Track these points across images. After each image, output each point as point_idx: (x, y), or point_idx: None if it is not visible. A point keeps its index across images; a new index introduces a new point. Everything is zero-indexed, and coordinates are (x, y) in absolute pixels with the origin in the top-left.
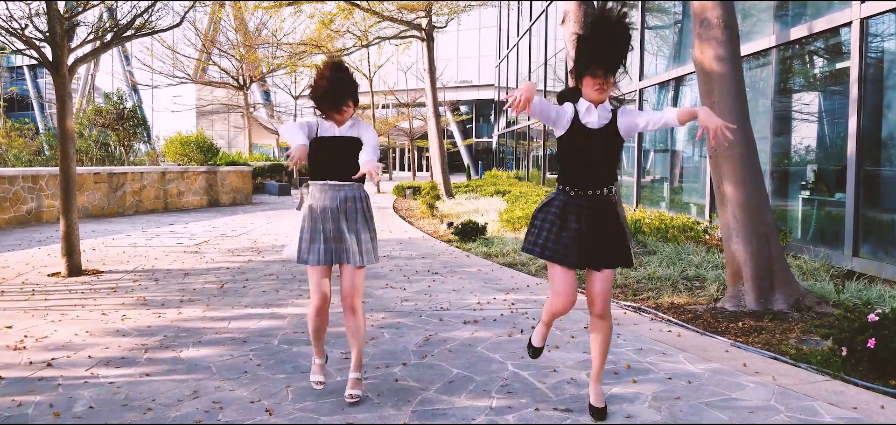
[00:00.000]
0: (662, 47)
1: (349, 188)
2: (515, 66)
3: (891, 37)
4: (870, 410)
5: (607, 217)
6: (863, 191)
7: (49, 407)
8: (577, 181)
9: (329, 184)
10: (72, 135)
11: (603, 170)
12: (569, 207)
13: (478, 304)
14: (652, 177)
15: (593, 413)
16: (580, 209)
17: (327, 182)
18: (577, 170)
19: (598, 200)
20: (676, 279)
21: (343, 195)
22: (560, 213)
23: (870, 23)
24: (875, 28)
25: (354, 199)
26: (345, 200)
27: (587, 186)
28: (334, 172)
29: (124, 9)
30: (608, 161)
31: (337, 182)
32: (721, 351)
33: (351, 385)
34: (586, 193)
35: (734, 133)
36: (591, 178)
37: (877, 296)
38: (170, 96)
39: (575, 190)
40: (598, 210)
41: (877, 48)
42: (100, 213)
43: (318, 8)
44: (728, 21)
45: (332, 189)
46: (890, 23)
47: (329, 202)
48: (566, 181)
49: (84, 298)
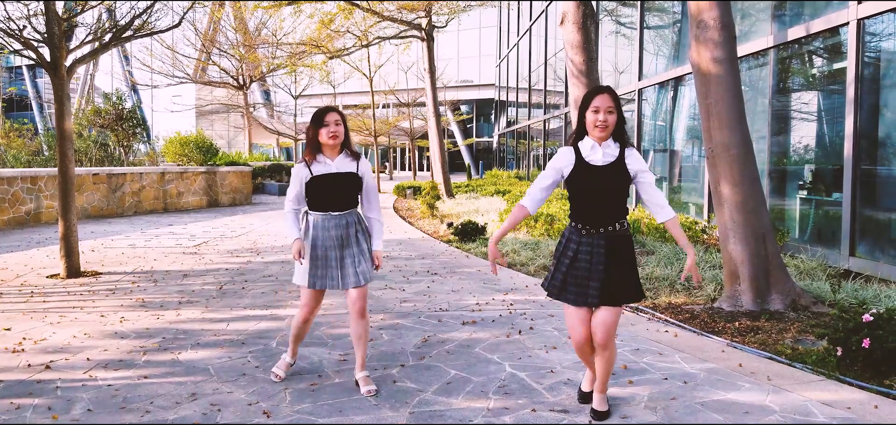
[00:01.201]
0: (662, 47)
1: (347, 215)
2: (516, 65)
3: (888, 37)
4: (864, 410)
5: (619, 252)
6: (859, 190)
7: (47, 409)
8: (586, 218)
9: (328, 215)
10: (70, 136)
11: (610, 206)
12: (580, 244)
13: (477, 305)
14: (654, 177)
15: (594, 415)
16: (591, 246)
17: (327, 213)
18: (584, 207)
19: (610, 236)
20: (674, 279)
21: (343, 222)
22: (571, 250)
23: (867, 23)
24: (872, 28)
25: (351, 224)
26: (345, 227)
27: (597, 223)
28: (333, 205)
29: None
30: (615, 198)
31: (335, 213)
32: (717, 351)
33: (364, 383)
34: (597, 230)
35: (730, 134)
36: (599, 215)
37: (872, 295)
38: (169, 96)
39: (586, 227)
40: (610, 246)
41: (874, 48)
42: (99, 214)
43: (318, 8)
44: (725, 22)
45: (330, 219)
46: (887, 23)
47: (330, 231)
48: (576, 218)
49: (83, 300)
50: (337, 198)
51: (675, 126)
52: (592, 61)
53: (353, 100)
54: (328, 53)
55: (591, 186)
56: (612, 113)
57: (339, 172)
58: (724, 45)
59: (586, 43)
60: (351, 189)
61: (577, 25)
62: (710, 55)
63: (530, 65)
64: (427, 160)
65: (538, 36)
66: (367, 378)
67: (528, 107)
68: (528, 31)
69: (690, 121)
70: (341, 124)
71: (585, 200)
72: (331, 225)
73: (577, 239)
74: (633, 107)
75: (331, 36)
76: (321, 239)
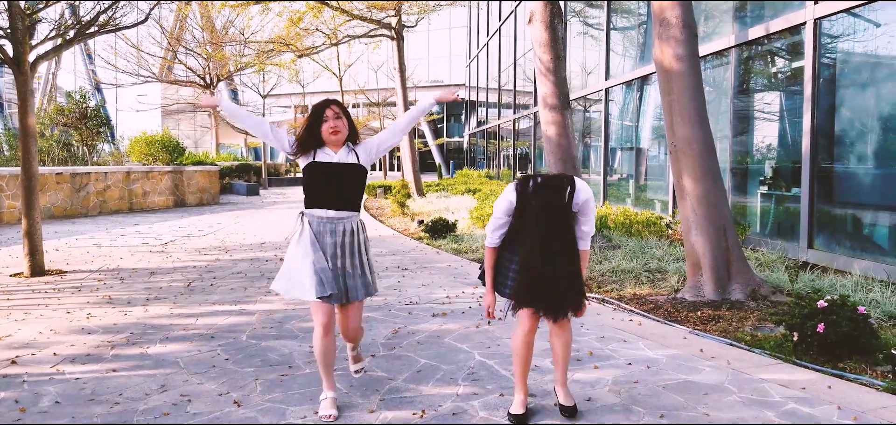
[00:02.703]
0: (628, 47)
1: (349, 220)
2: (486, 65)
3: (844, 37)
4: (817, 390)
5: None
6: (817, 186)
7: (14, 402)
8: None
9: (328, 215)
10: (33, 134)
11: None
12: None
13: (447, 298)
14: (619, 175)
15: (563, 411)
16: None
17: (327, 212)
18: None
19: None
20: (639, 272)
21: (343, 228)
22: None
23: (823, 23)
24: (828, 28)
25: (354, 232)
26: (345, 233)
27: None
28: (334, 202)
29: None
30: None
31: (337, 212)
32: (679, 338)
33: (353, 360)
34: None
35: (692, 129)
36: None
37: (828, 285)
38: (134, 95)
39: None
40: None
41: (830, 48)
42: (62, 214)
43: (287, 6)
44: (686, 21)
45: (331, 221)
46: (843, 24)
47: (330, 236)
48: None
49: (47, 298)
50: (334, 193)
51: (642, 125)
52: (560, 59)
53: None
54: (297, 52)
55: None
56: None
57: (340, 163)
58: (686, 43)
59: (554, 41)
60: (352, 183)
61: (545, 24)
62: (672, 52)
63: (500, 65)
64: (398, 160)
65: (507, 36)
66: (356, 357)
67: (498, 107)
68: (498, 32)
69: (656, 120)
70: (342, 117)
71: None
72: (330, 228)
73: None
74: (601, 108)
75: (299, 34)
76: (321, 244)
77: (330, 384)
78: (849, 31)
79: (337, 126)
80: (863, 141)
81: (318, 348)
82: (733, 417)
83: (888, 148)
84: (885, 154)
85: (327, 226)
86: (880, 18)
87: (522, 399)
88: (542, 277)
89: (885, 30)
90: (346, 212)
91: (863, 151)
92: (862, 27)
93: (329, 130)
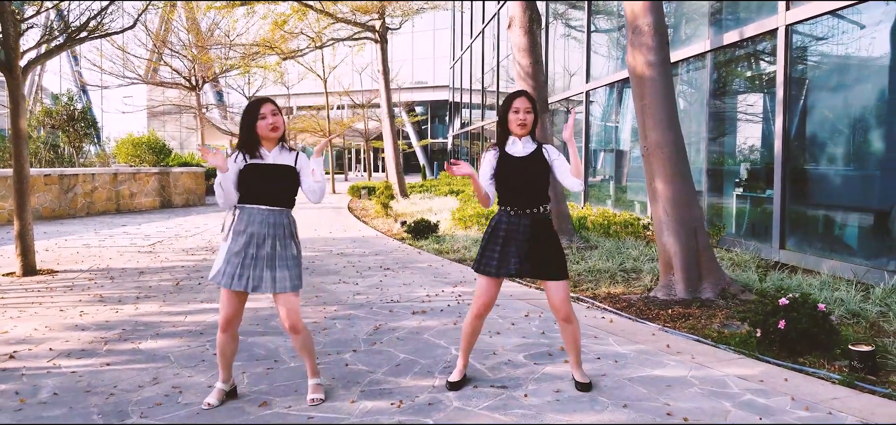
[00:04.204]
0: (610, 50)
1: (279, 213)
2: (469, 67)
3: (814, 42)
4: (774, 382)
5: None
6: (789, 187)
7: (14, 394)
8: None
9: (259, 208)
10: (24, 136)
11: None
12: (509, 224)
13: (427, 296)
14: (602, 176)
15: (578, 386)
16: (518, 224)
17: (258, 207)
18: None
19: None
20: (615, 271)
21: (273, 220)
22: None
23: (794, 29)
24: (799, 34)
25: (284, 225)
26: (274, 226)
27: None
28: (264, 198)
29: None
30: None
31: (268, 207)
32: (648, 334)
33: (312, 390)
34: (524, 211)
35: (663, 133)
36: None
37: (795, 284)
38: (120, 97)
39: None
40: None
41: (801, 53)
42: (51, 215)
43: (272, 9)
44: (658, 28)
45: (262, 214)
46: (812, 30)
47: (259, 228)
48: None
49: (41, 296)
50: (269, 192)
51: (622, 127)
52: (538, 64)
53: (307, 101)
54: (282, 54)
55: (511, 173)
56: (530, 113)
57: (275, 164)
58: (658, 50)
59: (533, 46)
60: (286, 183)
61: (524, 29)
62: (644, 59)
63: (483, 67)
64: (382, 161)
65: (491, 38)
66: (317, 386)
67: (481, 109)
68: (481, 34)
69: (636, 122)
70: (278, 114)
71: (507, 186)
72: (259, 221)
73: (505, 220)
74: (582, 109)
75: (284, 37)
76: (249, 235)
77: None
78: (820, 36)
79: (276, 123)
80: (832, 143)
81: (218, 344)
82: (692, 407)
83: (856, 150)
84: (854, 156)
85: (258, 218)
86: (845, 27)
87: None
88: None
89: (854, 34)
90: (276, 207)
91: (833, 153)
92: (832, 32)
93: (269, 126)
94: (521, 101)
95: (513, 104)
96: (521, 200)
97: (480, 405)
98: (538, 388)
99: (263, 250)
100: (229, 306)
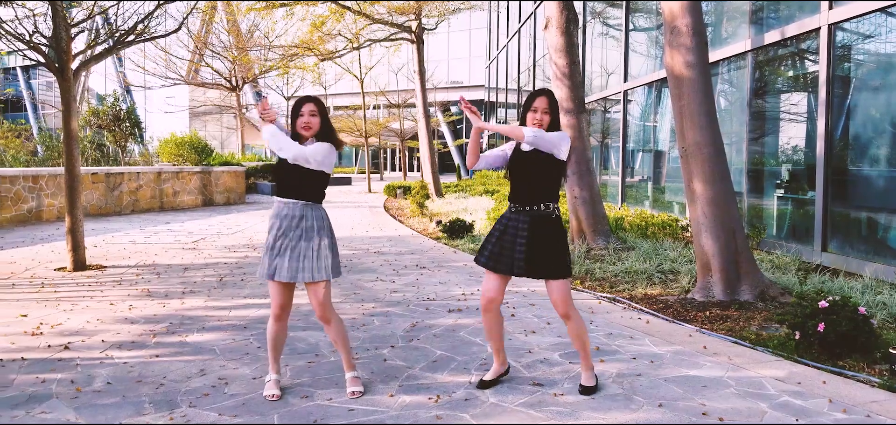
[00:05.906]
0: (649, 49)
1: (304, 206)
2: (505, 66)
3: (857, 41)
4: (812, 385)
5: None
6: (831, 189)
7: (71, 383)
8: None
9: (286, 201)
10: (76, 136)
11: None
12: (510, 220)
13: (462, 295)
14: (639, 177)
15: (580, 389)
16: (518, 221)
17: (285, 200)
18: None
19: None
20: (652, 272)
21: (299, 213)
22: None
23: (837, 28)
24: (842, 33)
25: (309, 217)
26: (300, 219)
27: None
28: (291, 191)
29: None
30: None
31: (293, 200)
32: (685, 335)
33: (351, 383)
34: (524, 209)
35: (702, 134)
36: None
37: (837, 287)
38: (163, 97)
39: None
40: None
41: (844, 52)
42: (97, 212)
43: (310, 10)
44: (696, 29)
45: (288, 207)
46: (856, 28)
47: (285, 221)
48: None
49: (91, 290)
50: (294, 185)
51: (660, 127)
52: (575, 64)
53: (344, 101)
54: (320, 55)
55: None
56: (548, 113)
57: None
58: (696, 51)
59: (569, 47)
60: (307, 177)
61: (561, 30)
62: (682, 60)
63: (519, 66)
64: (417, 161)
65: (527, 37)
66: (354, 379)
67: (517, 108)
68: (517, 33)
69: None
70: (316, 115)
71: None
72: (286, 212)
73: (508, 214)
74: (620, 109)
75: (322, 38)
76: (276, 226)
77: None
78: (864, 34)
79: (310, 123)
80: (877, 143)
81: (268, 335)
82: (727, 408)
83: None
84: None
85: (286, 210)
86: (893, 24)
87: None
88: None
89: None
90: (300, 200)
91: (877, 154)
92: (878, 30)
93: (302, 126)
94: (540, 101)
95: (533, 103)
96: (523, 196)
97: (516, 402)
98: (574, 387)
99: (288, 241)
100: (276, 296)
